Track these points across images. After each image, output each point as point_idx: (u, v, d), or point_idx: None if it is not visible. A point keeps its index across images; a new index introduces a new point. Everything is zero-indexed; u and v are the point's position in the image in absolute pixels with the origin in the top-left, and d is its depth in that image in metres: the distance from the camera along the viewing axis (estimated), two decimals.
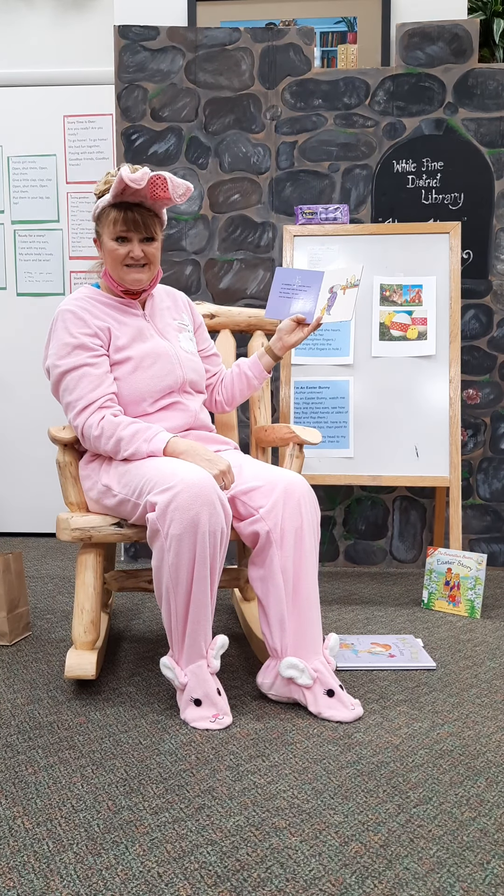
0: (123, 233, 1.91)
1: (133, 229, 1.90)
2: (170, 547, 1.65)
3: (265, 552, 1.78)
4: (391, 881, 1.16)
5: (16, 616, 2.25)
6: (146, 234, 1.92)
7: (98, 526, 1.89)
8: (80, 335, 1.90)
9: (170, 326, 2.06)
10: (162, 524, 1.66)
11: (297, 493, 1.80)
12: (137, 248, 1.92)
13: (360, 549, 3.18)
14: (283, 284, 2.18)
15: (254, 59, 3.05)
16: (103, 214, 1.93)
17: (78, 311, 1.93)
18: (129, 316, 2.00)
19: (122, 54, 3.06)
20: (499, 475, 3.12)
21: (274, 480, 1.82)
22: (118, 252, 1.92)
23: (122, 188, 1.84)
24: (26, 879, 1.17)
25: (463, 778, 1.47)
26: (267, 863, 1.20)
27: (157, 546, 1.69)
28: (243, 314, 2.41)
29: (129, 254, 1.92)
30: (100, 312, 1.96)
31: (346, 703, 1.73)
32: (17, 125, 3.64)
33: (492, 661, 2.09)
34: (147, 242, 1.94)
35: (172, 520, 1.65)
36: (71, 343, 1.90)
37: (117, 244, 1.92)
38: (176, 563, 1.66)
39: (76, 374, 1.88)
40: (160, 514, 1.66)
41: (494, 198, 3.03)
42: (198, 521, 1.64)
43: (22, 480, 3.80)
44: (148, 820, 1.32)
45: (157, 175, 1.84)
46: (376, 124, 3.05)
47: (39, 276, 3.69)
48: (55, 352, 1.91)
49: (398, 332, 2.79)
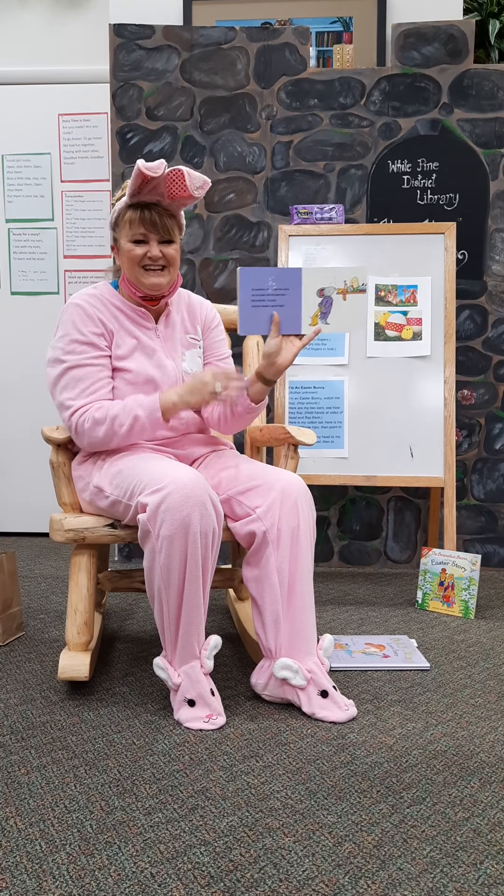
0: (141, 234, 1.86)
1: (151, 230, 1.85)
2: (161, 548, 1.65)
3: (261, 552, 1.78)
4: (385, 881, 1.16)
5: (9, 616, 2.24)
6: (165, 235, 1.86)
7: (92, 527, 1.88)
8: (88, 333, 1.87)
9: (178, 343, 2.00)
10: (153, 525, 1.65)
11: (295, 493, 1.79)
12: (156, 249, 1.86)
13: (354, 550, 3.18)
14: (255, 290, 1.85)
15: (249, 58, 3.04)
16: (120, 217, 1.88)
17: (87, 307, 1.90)
18: (138, 327, 1.94)
19: (117, 53, 3.06)
20: (493, 476, 3.12)
21: (271, 481, 1.81)
22: (135, 253, 1.86)
23: (139, 183, 1.79)
24: (19, 880, 1.16)
25: (456, 778, 1.47)
26: (260, 863, 1.20)
27: (149, 547, 1.68)
28: None
29: (147, 254, 1.86)
30: (108, 314, 1.92)
31: (340, 703, 1.72)
32: (11, 123, 3.63)
33: (486, 662, 2.09)
34: (166, 244, 1.87)
35: (163, 521, 1.64)
36: (77, 339, 1.87)
37: (134, 245, 1.87)
38: (167, 564, 1.65)
39: (78, 373, 1.86)
40: (151, 515, 1.66)
41: (489, 198, 3.04)
42: (189, 522, 1.64)
43: (15, 480, 3.79)
44: (141, 820, 1.32)
45: (175, 169, 1.80)
46: (372, 124, 3.05)
47: (34, 275, 3.68)
48: (61, 345, 1.88)
49: (393, 332, 2.79)
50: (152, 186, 1.81)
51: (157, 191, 1.83)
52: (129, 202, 1.85)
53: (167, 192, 1.83)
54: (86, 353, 1.87)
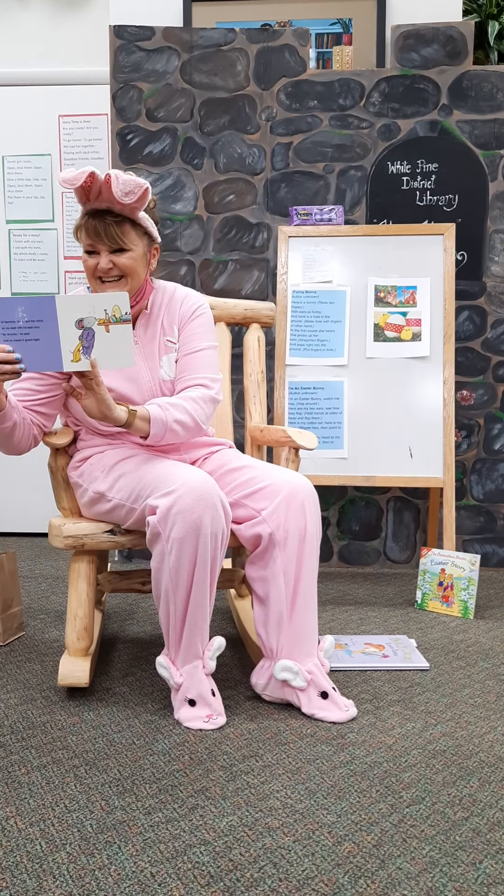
0: (89, 244, 1.79)
1: (97, 240, 1.77)
2: (171, 550, 1.65)
3: (267, 553, 1.77)
4: (384, 881, 1.16)
5: (9, 616, 2.24)
6: (114, 244, 1.77)
7: (91, 533, 1.87)
8: None
9: (156, 348, 1.92)
10: (164, 527, 1.65)
11: (302, 495, 1.78)
12: (105, 260, 1.78)
13: (353, 550, 3.19)
14: (4, 323, 1.62)
15: (249, 59, 3.05)
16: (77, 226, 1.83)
17: None
18: None
19: (117, 54, 3.06)
20: (492, 476, 3.13)
21: (278, 483, 1.80)
22: (88, 264, 1.82)
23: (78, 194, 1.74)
24: (19, 880, 1.17)
25: (456, 778, 1.47)
26: (260, 863, 1.21)
27: (158, 549, 1.68)
28: (239, 307, 2.40)
29: (97, 265, 1.80)
30: None
31: (340, 704, 1.73)
32: (11, 125, 3.63)
33: (485, 662, 2.10)
34: (118, 254, 1.79)
35: (174, 523, 1.64)
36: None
37: (87, 256, 1.81)
38: (177, 566, 1.65)
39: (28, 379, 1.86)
40: (162, 517, 1.65)
41: (489, 199, 3.04)
42: (200, 524, 1.64)
43: (15, 480, 3.80)
44: (141, 820, 1.33)
45: (107, 174, 1.69)
46: (371, 126, 3.05)
47: (34, 276, 3.69)
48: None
49: (392, 333, 2.80)
50: (96, 194, 1.74)
51: (103, 197, 1.74)
52: (83, 210, 1.80)
53: (109, 197, 1.73)
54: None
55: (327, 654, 1.80)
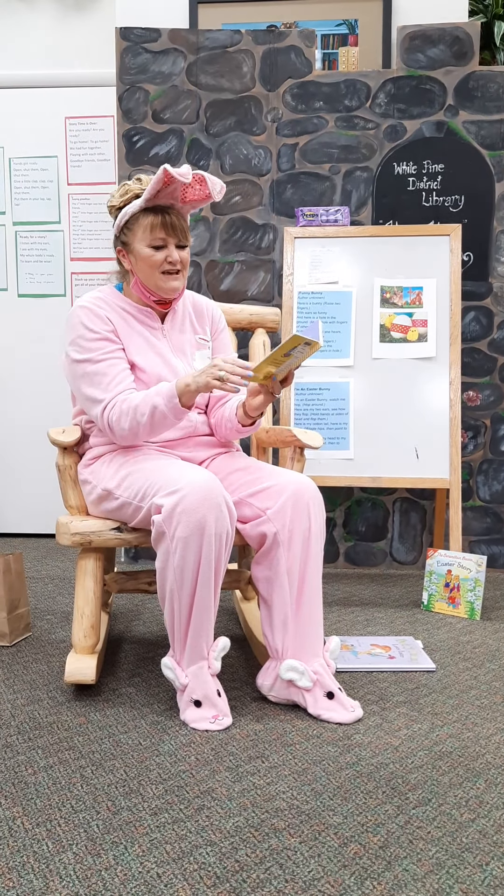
0: (161, 238, 1.85)
1: (171, 234, 1.85)
2: (175, 549, 1.65)
3: (272, 553, 1.78)
4: (390, 882, 1.16)
5: (16, 617, 2.25)
6: (182, 239, 1.87)
7: (98, 531, 1.88)
8: (100, 330, 1.88)
9: (187, 343, 2.00)
10: (168, 526, 1.66)
11: (307, 496, 1.79)
12: (175, 253, 1.86)
13: (360, 551, 3.18)
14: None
15: (255, 61, 3.05)
16: (133, 221, 1.87)
17: (94, 307, 1.90)
18: (144, 327, 1.95)
19: (123, 56, 3.07)
20: (499, 477, 3.12)
21: (283, 483, 1.81)
22: (155, 259, 1.86)
23: (159, 187, 1.79)
24: (26, 880, 1.17)
25: (462, 779, 1.47)
26: (266, 864, 1.21)
27: (163, 548, 1.68)
28: (244, 312, 2.41)
29: (167, 259, 1.85)
30: (115, 314, 1.92)
31: (346, 705, 1.73)
32: (18, 127, 3.64)
33: (491, 663, 2.09)
34: (181, 248, 1.89)
35: (179, 522, 1.64)
36: (92, 337, 1.87)
37: (154, 251, 1.86)
38: (181, 566, 1.66)
39: (98, 368, 1.86)
40: (166, 516, 1.66)
41: (495, 200, 3.03)
42: (204, 524, 1.64)
43: (22, 481, 3.80)
44: (147, 821, 1.33)
45: (196, 173, 1.82)
46: (377, 126, 3.05)
47: (41, 278, 3.70)
48: (75, 347, 1.88)
49: (398, 333, 2.79)
50: (170, 190, 1.82)
51: (173, 195, 1.84)
52: (144, 206, 1.84)
53: (182, 195, 1.85)
54: (102, 348, 1.87)
55: (333, 655, 1.80)
